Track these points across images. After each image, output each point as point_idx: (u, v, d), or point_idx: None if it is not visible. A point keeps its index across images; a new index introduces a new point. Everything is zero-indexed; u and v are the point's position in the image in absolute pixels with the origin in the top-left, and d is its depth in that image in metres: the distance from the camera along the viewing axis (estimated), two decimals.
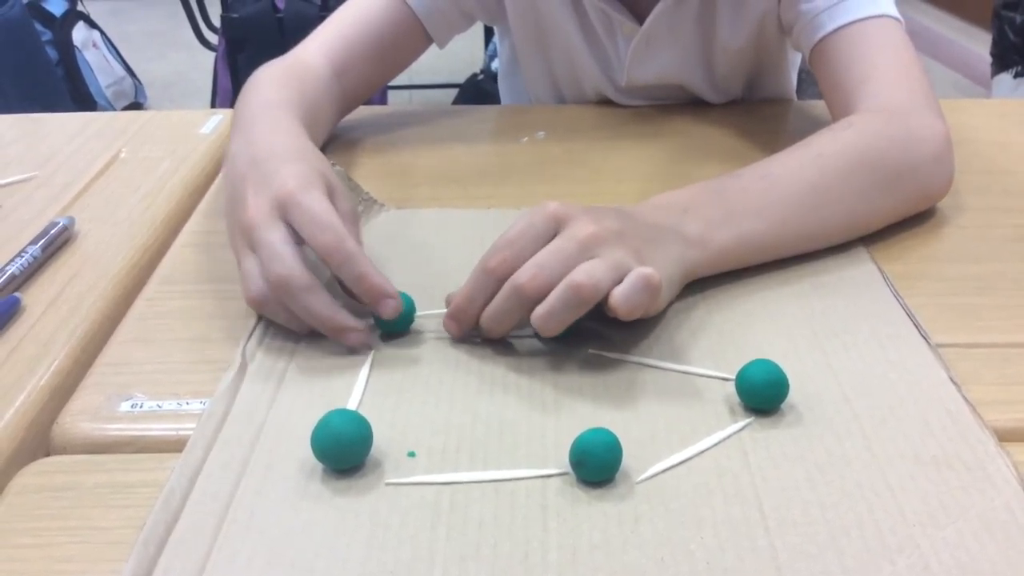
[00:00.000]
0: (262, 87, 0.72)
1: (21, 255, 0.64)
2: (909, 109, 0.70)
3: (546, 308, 0.50)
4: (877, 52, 0.75)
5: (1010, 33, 2.84)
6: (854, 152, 0.65)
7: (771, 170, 0.63)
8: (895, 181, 0.66)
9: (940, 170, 0.69)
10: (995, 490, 0.44)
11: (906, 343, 0.55)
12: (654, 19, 0.87)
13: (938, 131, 0.69)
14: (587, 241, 0.52)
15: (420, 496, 0.44)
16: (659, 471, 0.45)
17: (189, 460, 0.46)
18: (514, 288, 0.52)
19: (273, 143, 0.61)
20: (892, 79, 0.73)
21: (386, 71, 0.87)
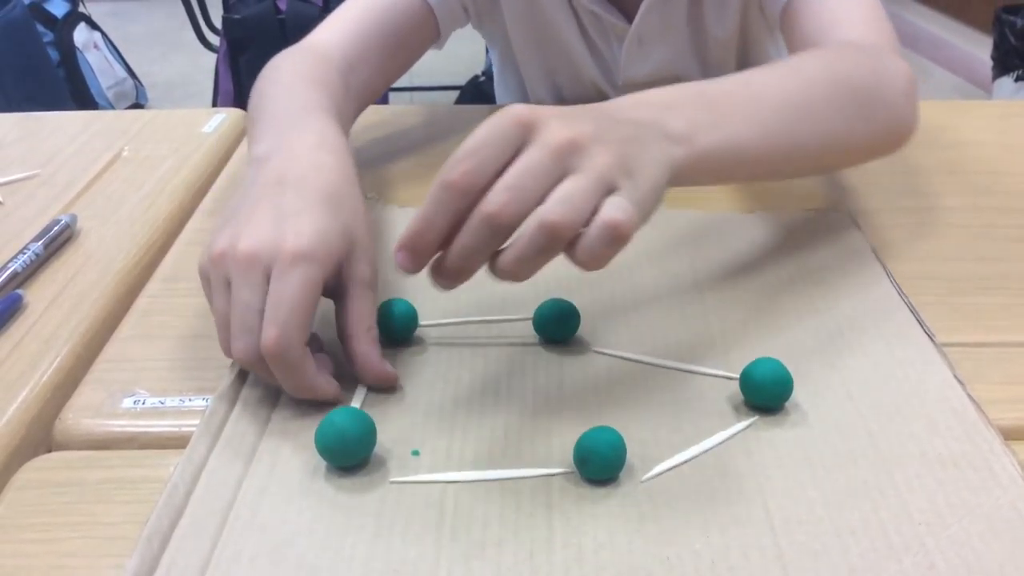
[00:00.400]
0: (295, 83, 0.67)
1: (23, 252, 0.64)
2: (879, 48, 0.70)
3: (514, 253, 0.44)
4: (843, 5, 0.75)
5: (1011, 37, 2.85)
6: (832, 71, 0.63)
7: (753, 78, 0.60)
8: (870, 106, 0.64)
9: (909, 106, 0.68)
10: (1001, 489, 0.44)
11: (911, 342, 0.55)
12: (642, 17, 0.87)
13: (904, 70, 0.68)
14: (562, 150, 0.45)
15: (424, 495, 0.44)
16: (664, 470, 0.45)
17: (192, 457, 0.46)
18: (485, 218, 0.44)
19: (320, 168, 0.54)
20: (860, 23, 0.73)
21: (396, 66, 0.84)
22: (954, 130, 0.88)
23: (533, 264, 0.44)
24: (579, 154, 0.45)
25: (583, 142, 0.45)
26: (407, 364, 0.54)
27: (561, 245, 0.44)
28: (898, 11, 3.93)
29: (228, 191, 0.57)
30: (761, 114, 0.57)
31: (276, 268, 0.48)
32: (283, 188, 0.52)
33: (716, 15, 0.88)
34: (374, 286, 0.52)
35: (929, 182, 0.78)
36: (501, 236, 0.44)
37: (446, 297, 0.55)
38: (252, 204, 0.52)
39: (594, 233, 0.43)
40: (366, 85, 0.79)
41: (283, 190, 0.52)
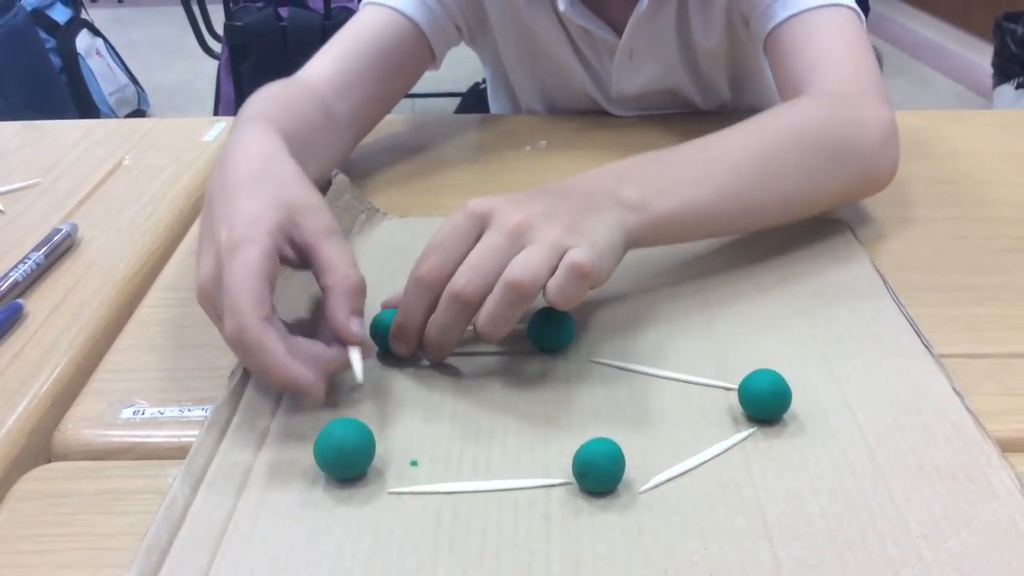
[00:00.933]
0: (249, 106, 0.68)
1: (24, 261, 0.64)
2: (856, 94, 0.70)
3: (488, 313, 0.49)
4: (827, 40, 0.75)
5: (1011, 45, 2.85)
6: (797, 129, 0.64)
7: (712, 143, 0.62)
8: (839, 160, 0.65)
9: (886, 154, 0.68)
10: (998, 501, 0.44)
11: (909, 353, 0.55)
12: (631, 31, 0.87)
13: (883, 116, 0.68)
14: (516, 230, 0.50)
15: (423, 505, 0.44)
16: (662, 481, 0.45)
17: (191, 468, 0.46)
18: (452, 296, 0.50)
19: (237, 164, 0.55)
20: (840, 66, 0.73)
21: (391, 89, 0.84)
22: (953, 140, 0.89)
23: (506, 320, 0.49)
24: (531, 231, 0.50)
25: (534, 221, 0.51)
26: (404, 374, 0.54)
27: (527, 300, 0.49)
28: (898, 18, 3.93)
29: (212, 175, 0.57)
30: (717, 176, 0.60)
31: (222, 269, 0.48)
32: (209, 207, 0.54)
33: (702, 24, 0.88)
34: (336, 231, 0.52)
35: (928, 193, 0.78)
36: (469, 310, 0.50)
37: None
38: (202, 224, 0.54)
39: (561, 272, 0.49)
40: (359, 109, 0.80)
41: (209, 209, 0.53)
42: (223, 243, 0.49)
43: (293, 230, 0.51)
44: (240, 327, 0.46)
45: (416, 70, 0.86)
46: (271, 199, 0.52)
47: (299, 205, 0.52)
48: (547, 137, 0.90)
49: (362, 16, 0.83)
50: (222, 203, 0.52)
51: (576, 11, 0.86)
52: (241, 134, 0.60)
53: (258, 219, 0.50)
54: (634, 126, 0.93)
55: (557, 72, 0.94)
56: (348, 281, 0.50)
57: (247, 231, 0.49)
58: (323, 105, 0.74)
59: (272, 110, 0.66)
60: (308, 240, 0.51)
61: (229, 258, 0.48)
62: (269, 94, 0.71)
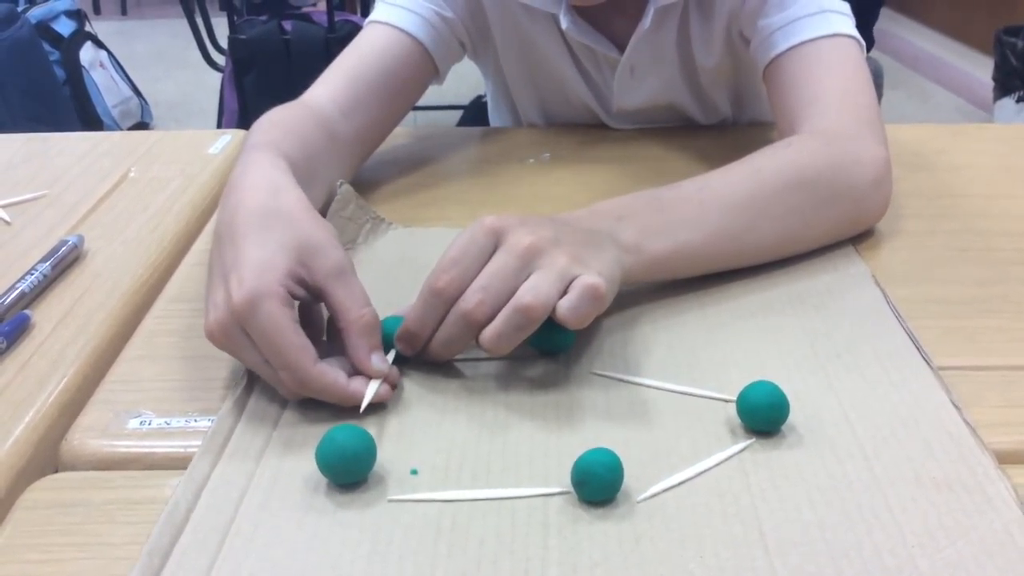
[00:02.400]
0: (255, 131, 0.69)
1: (31, 273, 0.65)
2: (851, 134, 0.71)
3: (495, 331, 0.51)
4: (826, 73, 0.75)
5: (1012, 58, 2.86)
6: (791, 170, 0.66)
7: (709, 183, 0.64)
8: (831, 201, 0.67)
9: (877, 195, 0.70)
10: (995, 512, 0.44)
11: (908, 365, 0.55)
12: (633, 49, 0.88)
13: (878, 156, 0.70)
14: (527, 253, 0.52)
15: (422, 513, 0.45)
16: (660, 491, 0.46)
17: (194, 475, 0.47)
18: (461, 315, 0.52)
19: (244, 198, 0.56)
20: (837, 102, 0.74)
21: (396, 107, 0.85)
22: (953, 153, 0.89)
23: (510, 340, 0.51)
24: (540, 256, 0.52)
25: (543, 245, 0.53)
26: (405, 382, 0.55)
27: (534, 324, 0.51)
28: (899, 32, 3.94)
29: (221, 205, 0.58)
30: (711, 219, 0.62)
31: (244, 325, 0.51)
32: (220, 243, 0.55)
33: (702, 43, 0.89)
34: (344, 270, 0.54)
35: (928, 205, 0.78)
36: (476, 329, 0.52)
37: None
38: (211, 264, 0.55)
39: (576, 292, 0.51)
40: (365, 130, 0.81)
41: (220, 245, 0.55)
42: (235, 296, 0.50)
43: (303, 272, 0.53)
44: (300, 381, 0.51)
45: (420, 87, 0.87)
46: (279, 244, 0.53)
47: (307, 246, 0.53)
48: (549, 150, 0.90)
49: (366, 36, 0.84)
50: (231, 245, 0.53)
51: (578, 28, 0.87)
52: (247, 163, 0.61)
53: (268, 268, 0.51)
54: (635, 139, 0.93)
55: (558, 86, 0.95)
56: (362, 321, 0.52)
57: (259, 284, 0.50)
58: (329, 128, 0.75)
59: (277, 137, 0.67)
60: (319, 283, 0.53)
61: (251, 317, 0.50)
62: (274, 120, 0.71)
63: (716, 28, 0.86)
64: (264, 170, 0.59)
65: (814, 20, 0.76)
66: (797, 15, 0.77)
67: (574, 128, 0.98)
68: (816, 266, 0.67)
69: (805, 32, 0.77)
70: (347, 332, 0.52)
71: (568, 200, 0.80)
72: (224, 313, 0.51)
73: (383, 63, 0.82)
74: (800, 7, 0.77)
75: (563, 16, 0.85)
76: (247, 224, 0.54)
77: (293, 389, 0.51)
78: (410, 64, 0.84)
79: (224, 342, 0.52)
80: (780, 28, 0.78)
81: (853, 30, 0.78)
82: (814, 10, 0.77)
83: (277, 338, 0.50)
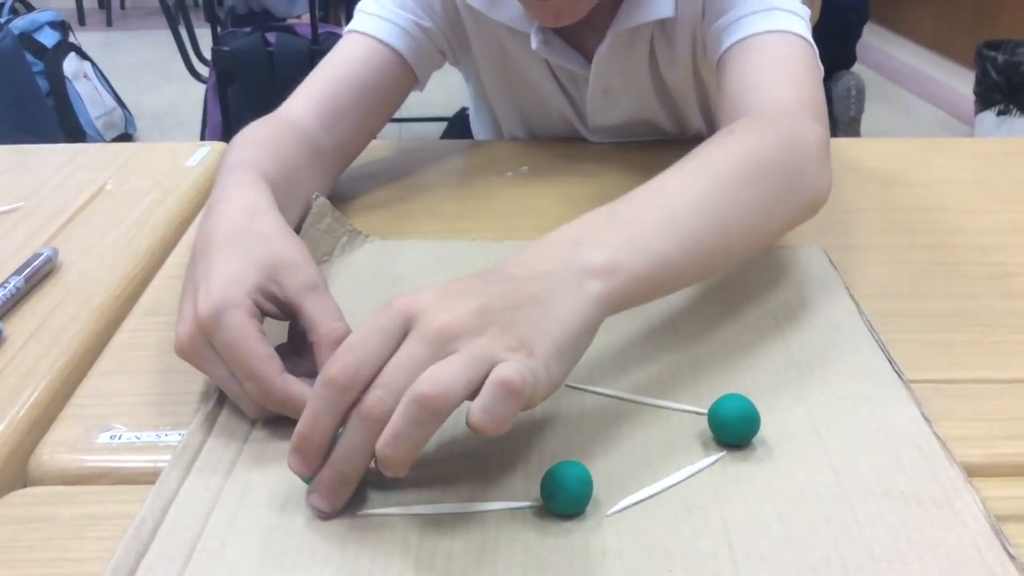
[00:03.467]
0: (234, 149, 0.68)
1: (4, 286, 0.65)
2: (793, 112, 0.69)
3: (391, 431, 0.43)
4: (769, 64, 0.75)
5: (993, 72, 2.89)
6: (743, 158, 0.61)
7: (664, 185, 0.58)
8: (786, 185, 0.62)
9: (822, 172, 0.66)
10: (963, 526, 0.44)
11: (879, 378, 0.56)
12: (600, 69, 0.88)
13: (818, 134, 0.67)
14: (439, 338, 0.44)
15: (391, 527, 0.45)
16: (630, 504, 0.46)
17: (162, 491, 0.46)
18: (361, 416, 0.44)
19: (220, 220, 0.56)
20: (781, 86, 0.73)
21: (376, 118, 0.85)
22: (930, 168, 0.90)
23: (408, 439, 0.43)
24: (458, 339, 0.44)
25: (462, 324, 0.44)
26: None
27: (436, 418, 0.43)
28: (881, 45, 3.97)
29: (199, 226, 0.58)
30: (678, 223, 0.55)
31: (210, 337, 0.50)
32: (193, 260, 0.55)
33: (670, 65, 0.89)
34: (316, 286, 0.53)
35: (903, 219, 0.79)
36: (379, 433, 0.43)
37: None
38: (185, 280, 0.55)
39: (487, 390, 0.43)
40: (346, 141, 0.81)
41: (193, 262, 0.55)
42: (201, 307, 0.50)
43: (274, 288, 0.53)
44: (264, 392, 0.50)
45: (400, 97, 0.87)
46: (251, 259, 0.53)
47: (279, 263, 0.53)
48: (528, 163, 0.91)
49: (345, 46, 0.84)
50: (204, 261, 0.54)
51: (550, 48, 0.87)
52: (227, 184, 0.61)
53: (236, 281, 0.51)
54: (614, 153, 0.94)
55: (537, 101, 0.96)
56: (333, 335, 0.51)
57: (225, 294, 0.51)
58: (309, 142, 0.75)
59: (257, 155, 0.67)
60: (290, 298, 0.53)
61: (216, 328, 0.50)
62: (253, 138, 0.71)
63: (679, 48, 0.87)
64: (243, 191, 0.59)
65: (759, 17, 0.76)
66: (743, 13, 0.77)
67: (553, 142, 0.98)
68: (789, 278, 0.67)
69: (750, 27, 0.76)
70: (318, 346, 0.52)
71: (546, 212, 0.81)
72: (190, 325, 0.51)
73: (362, 75, 0.82)
74: (747, 5, 0.77)
75: (534, 35, 0.85)
76: (220, 242, 0.54)
77: (258, 401, 0.51)
78: (389, 75, 0.84)
79: (191, 355, 0.52)
80: (727, 27, 0.78)
81: (803, 31, 0.77)
82: (761, 8, 0.77)
83: (241, 346, 0.49)
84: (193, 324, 0.51)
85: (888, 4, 3.94)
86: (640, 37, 0.86)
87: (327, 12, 2.98)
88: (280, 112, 0.78)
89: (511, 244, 0.73)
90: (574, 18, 0.78)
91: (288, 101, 0.79)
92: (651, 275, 0.52)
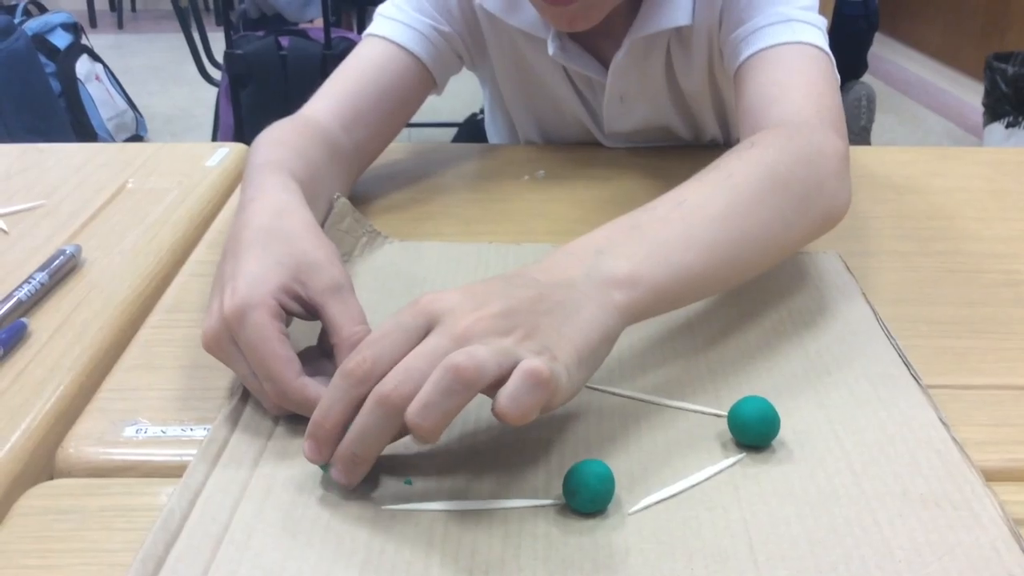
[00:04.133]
0: (260, 147, 0.70)
1: (28, 281, 0.66)
2: (813, 125, 0.69)
3: (422, 400, 0.42)
4: (787, 75, 0.75)
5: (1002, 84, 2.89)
6: (763, 171, 0.61)
7: (685, 197, 0.58)
8: (805, 199, 0.63)
9: (841, 186, 0.66)
10: (981, 528, 0.45)
11: (897, 383, 0.56)
12: (616, 77, 0.88)
13: (838, 148, 0.67)
14: (464, 335, 0.44)
15: (415, 522, 0.45)
16: (651, 503, 0.46)
17: (189, 483, 0.47)
18: (378, 400, 0.44)
19: (251, 218, 0.57)
20: (800, 98, 0.73)
21: (395, 121, 0.86)
22: (944, 177, 0.90)
23: (439, 409, 0.42)
24: (484, 336, 0.44)
25: (487, 325, 0.45)
26: None
27: (468, 391, 0.42)
28: (891, 56, 3.98)
29: (231, 224, 0.59)
30: (697, 234, 0.55)
31: (234, 334, 0.51)
32: (224, 258, 0.56)
33: (686, 73, 0.90)
34: (340, 288, 0.54)
35: (919, 227, 0.79)
36: (396, 419, 0.44)
37: None
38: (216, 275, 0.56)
39: (517, 377, 0.43)
40: (365, 143, 0.82)
41: (223, 260, 0.56)
42: (227, 305, 0.52)
43: (299, 288, 0.54)
44: (282, 392, 0.50)
45: (419, 100, 0.88)
46: (276, 259, 0.54)
47: (305, 263, 0.54)
48: (544, 167, 0.91)
49: (365, 50, 0.85)
50: (233, 259, 0.55)
51: (567, 54, 0.87)
52: (258, 184, 0.62)
53: (261, 281, 0.52)
54: (629, 158, 0.94)
55: (554, 106, 0.96)
56: (355, 338, 0.51)
57: (250, 294, 0.51)
58: (330, 143, 0.76)
59: (285, 155, 0.68)
60: (314, 299, 0.54)
61: (239, 326, 0.51)
62: (280, 137, 0.72)
63: (696, 55, 0.87)
64: (275, 192, 0.61)
65: (777, 28, 0.77)
66: (761, 24, 0.77)
67: (569, 146, 0.99)
68: (807, 284, 0.68)
69: (768, 39, 0.77)
70: (338, 349, 0.52)
71: (562, 216, 0.81)
72: (216, 321, 0.52)
73: (382, 78, 0.83)
74: (764, 16, 0.78)
75: (551, 41, 0.86)
76: (250, 240, 0.55)
77: (275, 401, 0.51)
78: (409, 79, 0.85)
79: (215, 350, 0.53)
80: (745, 38, 0.78)
81: (820, 41, 0.77)
82: (778, 19, 0.77)
83: (261, 347, 0.50)
84: (219, 321, 0.52)
85: (897, 15, 3.95)
86: (657, 44, 0.87)
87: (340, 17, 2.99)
88: (302, 113, 0.79)
89: (528, 247, 0.74)
90: (589, 23, 0.79)
91: (309, 103, 0.80)
92: (670, 287, 0.53)
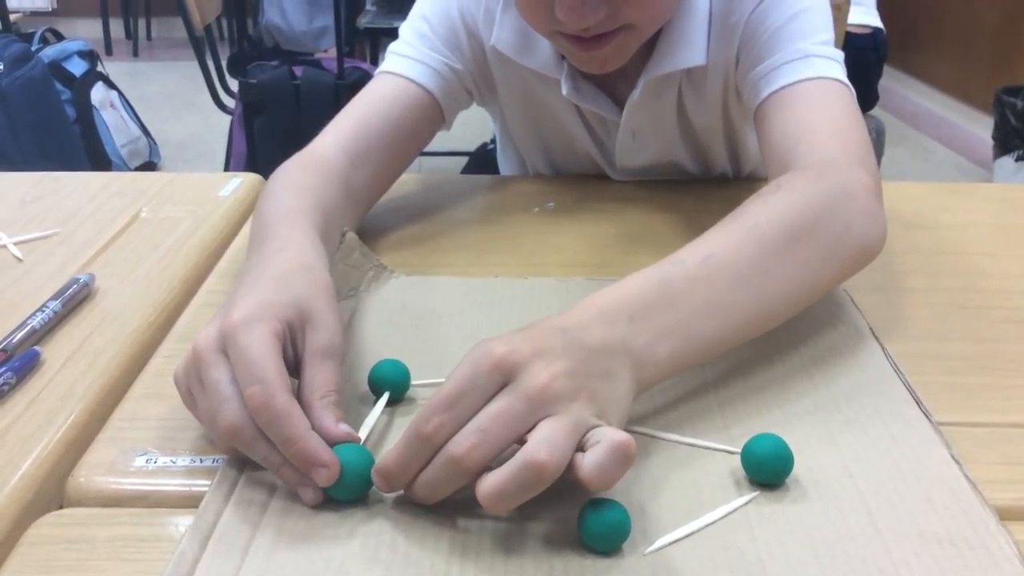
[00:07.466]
0: (279, 194, 0.70)
1: (42, 310, 0.66)
2: (840, 164, 0.69)
3: (497, 487, 0.44)
4: (810, 113, 0.75)
5: (1012, 118, 2.89)
6: (790, 218, 0.61)
7: (712, 250, 0.58)
8: (834, 243, 0.62)
9: (874, 226, 0.66)
10: (996, 568, 0.44)
11: (908, 420, 0.56)
12: (630, 115, 0.89)
13: (866, 184, 0.67)
14: (541, 397, 0.45)
15: (430, 563, 0.45)
16: (667, 543, 0.46)
17: (200, 524, 0.47)
18: (450, 459, 0.45)
19: (274, 262, 0.58)
20: (825, 136, 0.72)
21: (404, 156, 0.86)
22: (953, 212, 0.90)
23: (514, 499, 0.44)
24: (555, 401, 0.46)
25: (560, 388, 0.46)
26: (400, 424, 0.55)
27: (544, 485, 0.44)
28: (900, 90, 3.99)
29: (244, 253, 0.59)
30: (720, 296, 0.56)
31: (228, 342, 0.50)
32: (238, 285, 0.56)
33: (698, 112, 0.90)
34: (334, 355, 0.53)
35: (928, 262, 0.79)
36: (465, 477, 0.45)
37: (439, 356, 0.60)
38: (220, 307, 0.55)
39: (603, 449, 0.44)
40: (375, 178, 0.82)
41: (236, 287, 0.56)
42: (233, 319, 0.51)
43: (297, 335, 0.53)
44: (268, 395, 0.47)
45: (428, 135, 0.88)
46: (291, 298, 0.54)
47: (310, 317, 0.54)
48: (554, 200, 0.92)
49: (377, 86, 0.85)
50: (249, 286, 0.55)
51: (580, 94, 0.88)
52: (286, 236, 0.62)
53: (271, 307, 0.52)
54: (638, 192, 0.94)
55: (564, 142, 0.97)
56: (328, 399, 0.51)
57: (260, 312, 0.51)
58: (342, 181, 0.76)
59: (309, 204, 0.68)
60: (304, 357, 0.53)
61: (242, 333, 0.50)
62: (301, 182, 0.72)
63: (709, 93, 0.87)
64: (303, 250, 0.60)
65: (797, 65, 0.77)
66: (781, 61, 0.78)
67: (579, 179, 0.99)
68: (816, 321, 0.67)
69: (789, 76, 0.77)
70: (310, 408, 0.50)
71: (571, 249, 0.81)
72: (213, 330, 0.51)
73: (393, 113, 0.83)
74: (785, 53, 0.78)
75: (564, 81, 0.86)
76: (271, 276, 0.56)
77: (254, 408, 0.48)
78: (419, 114, 0.85)
79: (205, 354, 0.50)
80: (765, 75, 0.78)
81: (841, 75, 0.77)
82: (798, 56, 0.77)
83: (256, 351, 0.49)
84: (216, 329, 0.51)
85: (907, 49, 3.97)
86: (669, 83, 0.87)
87: (353, 47, 3.01)
88: (313, 150, 0.78)
89: (536, 281, 0.74)
90: (619, 64, 0.79)
91: (321, 136, 0.80)
92: (693, 358, 0.56)
